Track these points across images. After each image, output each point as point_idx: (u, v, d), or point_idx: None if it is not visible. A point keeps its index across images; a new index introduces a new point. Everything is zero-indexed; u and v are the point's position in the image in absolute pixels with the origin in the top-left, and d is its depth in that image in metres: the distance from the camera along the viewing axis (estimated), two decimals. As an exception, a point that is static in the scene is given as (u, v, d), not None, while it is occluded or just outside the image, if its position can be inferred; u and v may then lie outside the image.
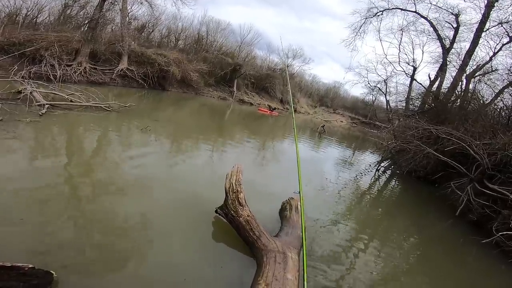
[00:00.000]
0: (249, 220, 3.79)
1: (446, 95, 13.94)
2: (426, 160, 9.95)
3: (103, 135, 7.49)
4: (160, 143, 8.09)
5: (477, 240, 6.02)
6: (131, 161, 6.06)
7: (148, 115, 10.89)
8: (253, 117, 21.80)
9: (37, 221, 3.33)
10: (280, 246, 3.50)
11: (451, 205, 7.84)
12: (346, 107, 47.72)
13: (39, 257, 2.74)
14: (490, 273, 5.39)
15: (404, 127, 12.46)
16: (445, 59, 15.93)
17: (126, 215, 3.87)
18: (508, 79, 12.18)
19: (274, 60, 35.57)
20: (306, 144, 15.08)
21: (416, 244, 6.02)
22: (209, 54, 27.57)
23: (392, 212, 7.82)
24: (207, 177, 6.20)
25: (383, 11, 17.93)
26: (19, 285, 2.23)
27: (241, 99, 28.94)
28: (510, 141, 7.32)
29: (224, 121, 17.08)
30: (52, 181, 4.29)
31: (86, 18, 18.35)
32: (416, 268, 4.98)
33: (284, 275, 3.03)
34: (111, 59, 17.79)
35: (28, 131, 6.08)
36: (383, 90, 21.00)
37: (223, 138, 11.07)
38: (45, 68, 13.29)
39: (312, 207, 5.60)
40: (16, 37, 13.36)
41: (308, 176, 7.89)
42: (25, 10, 17.36)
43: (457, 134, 8.67)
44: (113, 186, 4.71)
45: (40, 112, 7.12)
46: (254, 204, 4.13)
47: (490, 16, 13.61)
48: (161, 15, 24.80)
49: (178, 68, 20.68)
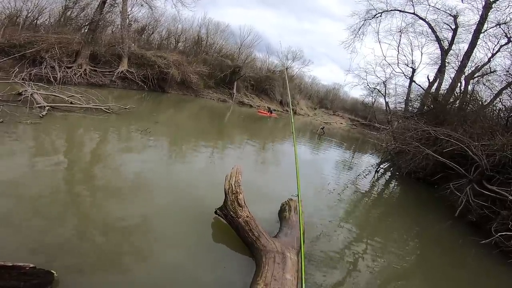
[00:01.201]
0: (248, 221, 3.82)
1: (445, 97, 13.97)
2: (425, 162, 9.96)
3: (103, 137, 7.51)
4: (160, 145, 8.11)
5: (476, 240, 6.03)
6: (131, 163, 6.08)
7: (148, 117, 10.92)
8: (253, 119, 21.84)
9: (38, 221, 3.35)
10: (279, 246, 3.52)
11: (451, 206, 7.85)
12: (345, 108, 47.87)
13: (40, 257, 2.76)
14: (489, 274, 5.39)
15: (403, 128, 12.49)
16: (444, 60, 15.96)
17: (126, 216, 3.89)
18: (507, 80, 12.19)
19: (273, 62, 35.71)
20: (306, 146, 15.11)
21: (416, 244, 6.03)
22: (209, 56, 27.65)
23: (392, 213, 7.83)
24: (206, 178, 6.22)
25: (382, 13, 17.97)
26: (20, 284, 2.25)
27: (241, 101, 28.98)
28: (508, 142, 7.34)
29: (224, 123, 17.12)
30: (53, 183, 4.32)
31: (87, 20, 18.46)
32: (416, 268, 4.99)
33: (283, 275, 3.04)
34: (111, 61, 17.86)
35: (29, 133, 6.11)
36: (382, 91, 20.99)
37: (223, 140, 11.10)
38: (46, 70, 13.36)
39: (312, 208, 5.63)
40: (17, 39, 13.44)
41: (308, 178, 7.93)
42: (26, 12, 17.49)
43: (456, 135, 8.69)
44: (113, 188, 4.73)
45: (40, 114, 7.16)
46: (254, 205, 4.16)
47: (488, 17, 13.65)
48: (161, 17, 24.91)
49: (178, 70, 20.75)
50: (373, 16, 18.22)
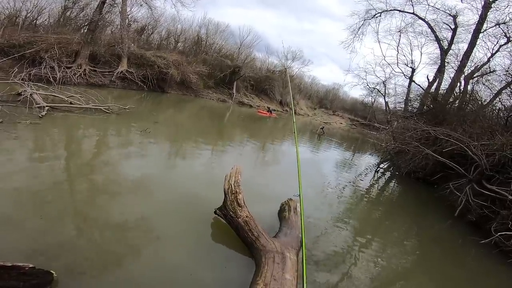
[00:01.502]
0: (248, 221, 3.81)
1: (444, 96, 13.99)
2: (425, 161, 9.97)
3: (103, 137, 7.51)
4: (159, 145, 8.11)
5: (476, 240, 6.04)
6: (131, 163, 6.08)
7: (147, 117, 10.91)
8: (253, 119, 21.84)
9: (38, 221, 3.35)
10: (278, 246, 3.52)
11: (450, 205, 7.86)
12: (345, 108, 47.88)
13: (40, 257, 2.76)
14: (489, 273, 5.39)
15: (403, 128, 12.50)
16: (443, 60, 15.99)
17: (125, 217, 3.89)
18: (506, 80, 12.20)
19: (273, 62, 35.70)
20: (306, 145, 15.11)
21: (416, 244, 6.03)
22: (209, 56, 27.61)
23: (392, 213, 7.83)
24: (206, 178, 6.22)
25: (381, 12, 18.00)
26: (20, 284, 2.25)
27: (241, 101, 28.97)
28: (508, 141, 7.35)
29: (224, 123, 17.11)
30: (52, 183, 4.32)
31: (86, 20, 18.43)
32: (416, 268, 4.99)
33: (282, 275, 3.04)
34: (110, 61, 17.83)
35: (28, 133, 6.11)
36: (382, 91, 21.05)
37: (223, 140, 11.10)
38: (45, 70, 13.34)
39: (312, 208, 5.63)
40: (16, 39, 13.42)
41: (308, 178, 7.91)
42: (25, 12, 17.45)
43: (455, 135, 8.70)
44: (113, 188, 4.73)
45: (40, 114, 7.15)
46: (253, 205, 4.16)
47: (487, 17, 13.67)
48: (160, 17, 24.87)
49: (178, 70, 20.73)
50: (373, 16, 18.26)
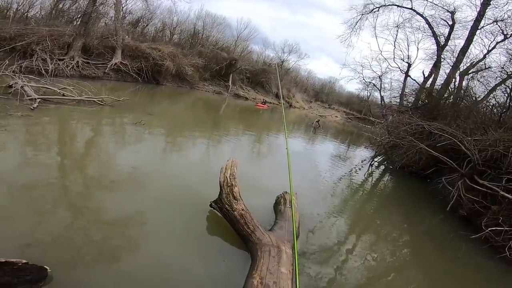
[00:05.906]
0: (243, 214, 3.82)
1: (439, 92, 14.07)
2: (419, 156, 10.06)
3: (96, 129, 7.42)
4: (154, 137, 8.05)
5: (467, 235, 6.11)
6: (125, 155, 6.03)
7: (142, 109, 10.79)
8: (249, 111, 21.79)
9: (31, 216, 3.31)
10: (274, 240, 3.54)
11: (443, 200, 7.97)
12: (341, 102, 47.90)
13: (33, 253, 2.74)
14: (479, 268, 5.46)
15: (397, 122, 12.55)
16: (440, 56, 16.05)
17: (120, 210, 3.87)
18: (501, 77, 12.31)
19: (269, 55, 35.54)
20: (301, 139, 15.13)
21: (408, 238, 6.12)
22: (205, 49, 27.34)
23: (385, 206, 7.92)
24: (201, 171, 6.20)
25: (380, 7, 17.95)
26: (14, 280, 2.23)
27: (237, 93, 28.86)
28: (501, 137, 7.44)
29: (219, 115, 17.03)
30: (45, 176, 4.26)
31: (79, 12, 18.05)
32: (407, 262, 5.08)
33: (278, 268, 3.07)
34: (104, 53, 17.55)
35: (19, 126, 6.00)
36: (378, 86, 21.15)
37: (218, 132, 11.05)
38: (37, 62, 13.09)
39: (307, 201, 5.65)
40: (7, 32, 13.10)
41: (303, 171, 7.97)
42: (16, 5, 17.10)
43: (449, 130, 8.77)
44: (107, 181, 4.68)
45: (31, 106, 7.02)
46: (249, 198, 4.16)
47: (485, 14, 13.69)
48: (156, 9, 24.49)
49: (173, 62, 20.51)
50: (371, 10, 18.22)
